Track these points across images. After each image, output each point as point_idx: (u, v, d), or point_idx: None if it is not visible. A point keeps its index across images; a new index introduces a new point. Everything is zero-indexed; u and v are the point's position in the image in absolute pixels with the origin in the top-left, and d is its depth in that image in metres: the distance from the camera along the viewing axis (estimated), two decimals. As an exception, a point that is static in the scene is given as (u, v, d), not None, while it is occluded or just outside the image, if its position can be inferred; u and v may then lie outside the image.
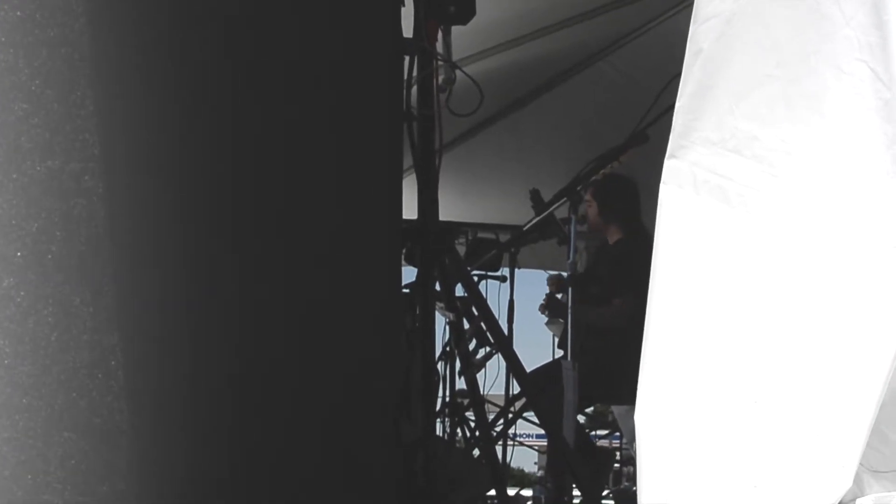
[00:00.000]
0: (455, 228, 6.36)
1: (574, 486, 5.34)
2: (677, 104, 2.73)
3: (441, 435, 5.54)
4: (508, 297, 6.84)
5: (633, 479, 7.11)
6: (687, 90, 2.70)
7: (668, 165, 2.74)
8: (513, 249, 6.77)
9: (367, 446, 3.77)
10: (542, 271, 7.49)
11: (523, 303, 6.87)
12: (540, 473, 7.99)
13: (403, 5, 4.39)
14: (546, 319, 6.75)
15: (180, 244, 3.52)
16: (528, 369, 5.89)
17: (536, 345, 8.56)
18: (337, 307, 3.79)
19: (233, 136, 3.66)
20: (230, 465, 3.49)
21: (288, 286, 3.70)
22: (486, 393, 5.85)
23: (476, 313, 5.10)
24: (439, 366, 5.60)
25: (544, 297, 6.56)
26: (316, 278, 3.76)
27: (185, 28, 3.59)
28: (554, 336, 6.95)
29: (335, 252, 3.83)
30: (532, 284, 7.56)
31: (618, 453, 8.39)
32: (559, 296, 6.44)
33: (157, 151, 3.50)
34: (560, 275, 6.28)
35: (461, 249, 6.35)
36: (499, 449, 6.26)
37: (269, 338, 3.63)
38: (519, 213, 6.89)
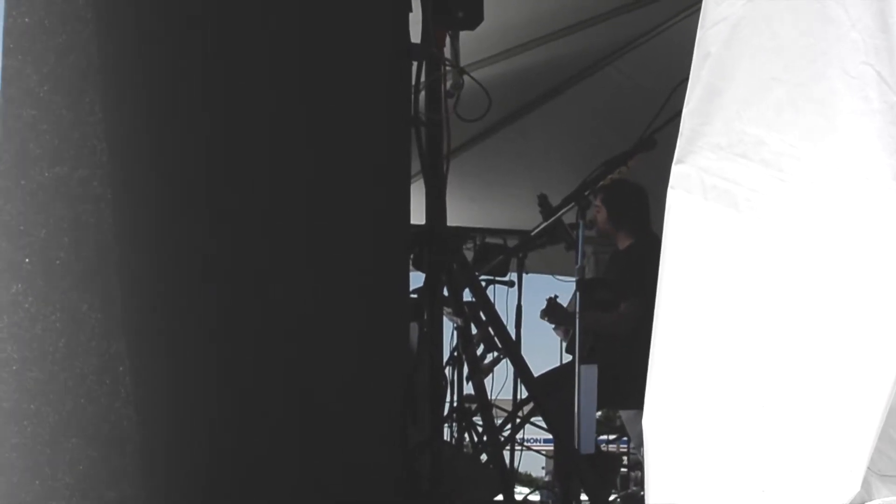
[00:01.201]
0: (463, 233, 6.36)
1: (581, 490, 5.33)
2: (685, 109, 2.72)
3: (449, 440, 5.54)
4: (516, 302, 6.82)
5: (640, 483, 7.11)
6: (695, 95, 2.70)
7: (676, 170, 2.73)
8: (521, 254, 6.75)
9: (368, 448, 3.77)
10: (551, 276, 7.50)
11: (531, 308, 6.85)
12: (547, 478, 7.99)
13: (411, 11, 4.39)
14: (553, 325, 6.75)
15: (188, 250, 3.52)
16: (536, 374, 5.89)
17: (544, 349, 8.55)
18: (342, 312, 3.79)
19: (240, 142, 3.66)
20: (237, 471, 3.49)
21: (293, 290, 3.70)
22: (493, 398, 5.84)
23: (484, 318, 5.09)
24: (447, 371, 5.61)
25: (546, 301, 6.56)
26: (322, 282, 3.76)
27: (192, 35, 3.60)
28: (562, 341, 6.95)
29: (343, 257, 3.83)
30: (540, 289, 7.55)
31: (625, 458, 8.38)
32: (558, 299, 6.45)
33: (166, 158, 3.51)
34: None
35: (469, 254, 6.34)
36: (506, 453, 6.26)
37: (274, 343, 3.63)
38: (527, 217, 6.88)
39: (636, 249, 6.40)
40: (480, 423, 5.22)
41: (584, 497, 5.37)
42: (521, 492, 5.81)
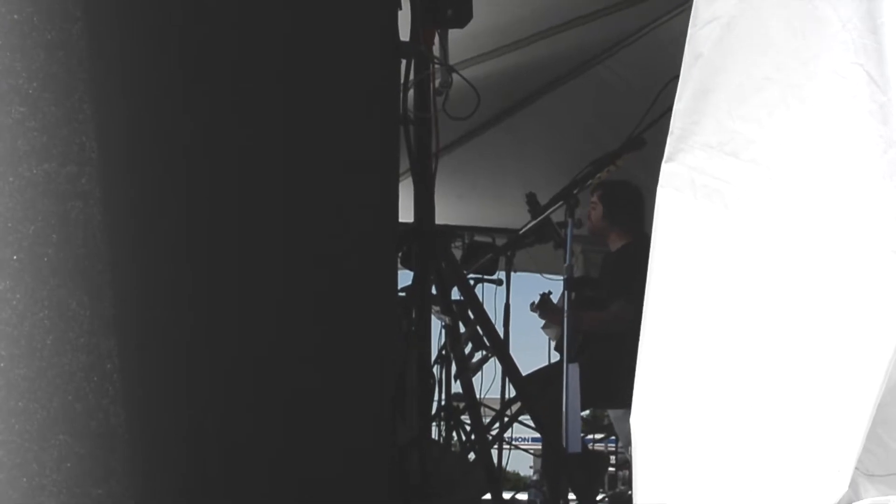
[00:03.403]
0: (451, 232, 6.36)
1: (569, 489, 5.34)
2: (675, 107, 2.73)
3: (436, 438, 5.54)
4: (504, 301, 6.84)
5: (628, 483, 7.12)
6: (686, 94, 2.70)
7: (666, 169, 2.74)
8: (509, 253, 6.76)
9: (361, 446, 3.77)
10: (539, 275, 7.50)
11: (519, 306, 6.87)
12: (535, 477, 8.00)
13: (401, 8, 4.39)
14: (542, 323, 6.75)
15: (177, 247, 3.52)
16: (524, 373, 5.90)
17: (532, 348, 8.56)
18: (332, 310, 3.79)
19: (229, 139, 3.66)
20: (226, 467, 3.49)
21: (283, 288, 3.70)
22: (481, 396, 5.85)
23: (472, 317, 5.10)
24: (435, 369, 5.61)
25: (539, 296, 6.55)
26: (312, 281, 3.76)
27: (182, 31, 3.59)
28: (550, 340, 6.95)
29: (331, 255, 3.83)
30: (528, 288, 7.56)
31: (613, 457, 8.39)
32: (552, 295, 6.46)
33: (154, 155, 3.50)
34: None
35: (457, 253, 6.35)
36: (494, 452, 6.26)
37: (264, 340, 3.63)
38: (515, 216, 6.89)
39: (629, 250, 6.38)
40: (468, 421, 5.23)
41: (571, 496, 5.38)
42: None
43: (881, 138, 2.45)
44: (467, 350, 5.60)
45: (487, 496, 4.89)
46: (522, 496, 6.90)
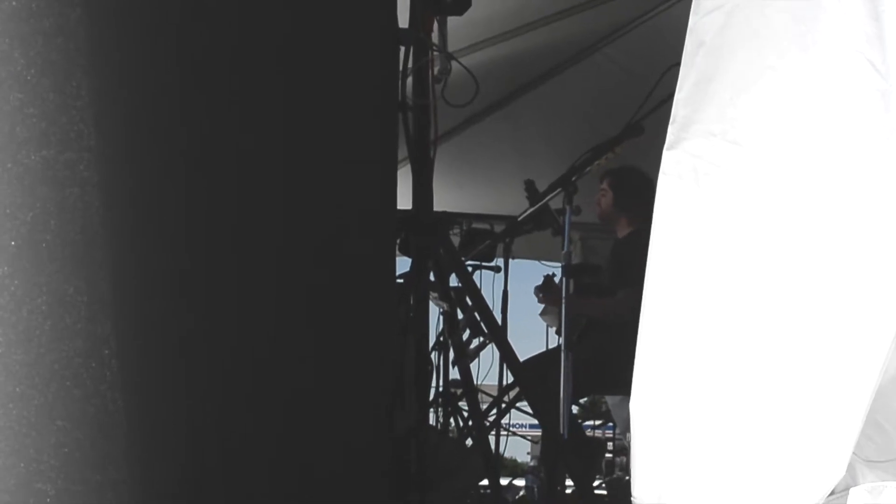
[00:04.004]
0: (449, 219, 6.36)
1: (567, 475, 5.35)
2: (677, 96, 2.72)
3: (434, 424, 5.55)
4: (502, 288, 6.85)
5: (625, 469, 7.13)
6: (688, 82, 2.70)
7: (668, 156, 2.73)
8: (507, 240, 6.77)
9: (360, 436, 3.77)
10: (537, 262, 7.51)
11: (517, 293, 6.88)
12: (533, 463, 8.02)
13: (400, -5, 4.39)
14: (540, 310, 6.75)
15: (175, 235, 3.52)
16: (522, 359, 5.90)
17: (530, 335, 8.57)
18: (331, 297, 3.79)
19: (228, 128, 3.66)
20: (225, 454, 3.49)
21: (282, 276, 3.71)
22: (479, 383, 5.87)
23: (470, 303, 5.10)
24: (433, 355, 5.62)
25: (543, 278, 6.55)
26: (311, 269, 3.76)
27: (180, 17, 3.59)
28: (548, 326, 6.95)
29: (329, 243, 3.83)
30: (526, 275, 7.57)
31: (611, 443, 8.41)
32: (556, 278, 6.46)
33: (152, 142, 3.50)
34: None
35: (455, 240, 6.35)
36: (492, 438, 6.28)
37: (263, 327, 3.63)
38: (514, 203, 6.89)
39: (637, 237, 6.36)
40: (466, 407, 5.24)
41: (569, 482, 5.39)
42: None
43: (883, 126, 2.45)
44: (465, 336, 5.61)
45: (485, 482, 4.90)
46: (520, 482, 6.91)
